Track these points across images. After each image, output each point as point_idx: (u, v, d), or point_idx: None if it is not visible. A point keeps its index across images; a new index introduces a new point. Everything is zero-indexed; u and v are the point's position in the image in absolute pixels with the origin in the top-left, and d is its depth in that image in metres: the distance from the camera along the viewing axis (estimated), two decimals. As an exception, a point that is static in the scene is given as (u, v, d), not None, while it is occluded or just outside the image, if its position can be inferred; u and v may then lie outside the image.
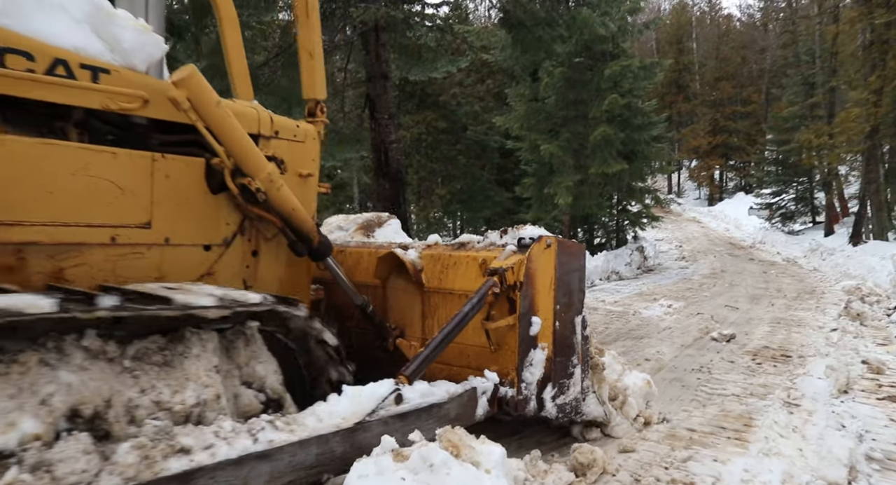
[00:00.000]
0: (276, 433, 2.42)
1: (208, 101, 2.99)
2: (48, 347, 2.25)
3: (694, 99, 44.71)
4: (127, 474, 2.04)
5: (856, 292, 10.84)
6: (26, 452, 1.99)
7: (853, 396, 5.28)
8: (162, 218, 3.03)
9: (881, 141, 18.73)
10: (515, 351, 3.50)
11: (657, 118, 17.61)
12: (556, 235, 3.77)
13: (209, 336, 2.70)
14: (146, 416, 2.38)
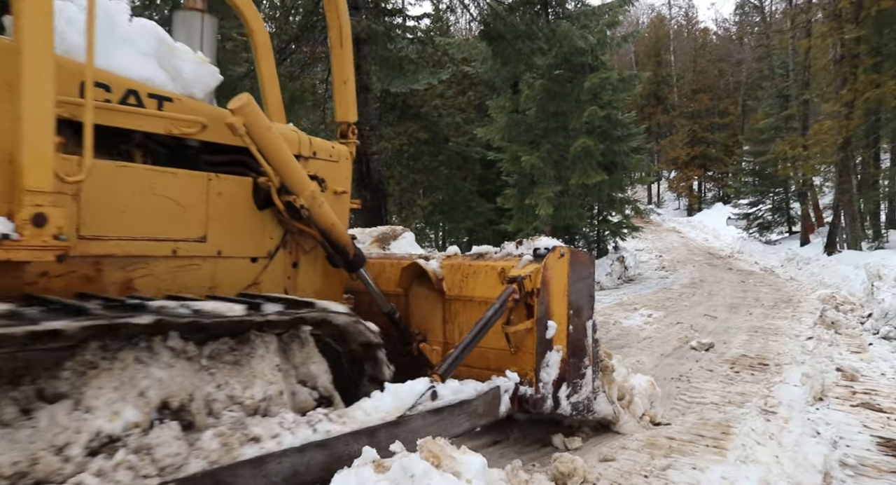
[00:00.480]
0: (332, 425, 2.71)
1: (261, 126, 3.31)
2: (141, 347, 2.53)
3: (672, 111, 45.37)
4: (210, 458, 2.34)
5: (830, 301, 11.05)
6: (129, 437, 2.30)
7: (828, 403, 5.37)
8: (215, 232, 3.33)
9: (853, 152, 19.16)
10: (533, 353, 3.81)
11: (636, 130, 17.87)
12: (569, 246, 4.13)
13: (270, 339, 2.99)
14: (222, 408, 2.68)
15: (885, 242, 19.05)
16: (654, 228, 31.65)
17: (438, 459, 2.31)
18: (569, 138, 15.29)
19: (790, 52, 26.04)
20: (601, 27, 15.74)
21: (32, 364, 2.36)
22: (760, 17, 38.25)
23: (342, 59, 4.22)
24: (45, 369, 2.36)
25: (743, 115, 41.51)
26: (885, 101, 16.78)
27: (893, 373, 6.49)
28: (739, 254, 23.29)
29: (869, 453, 4.20)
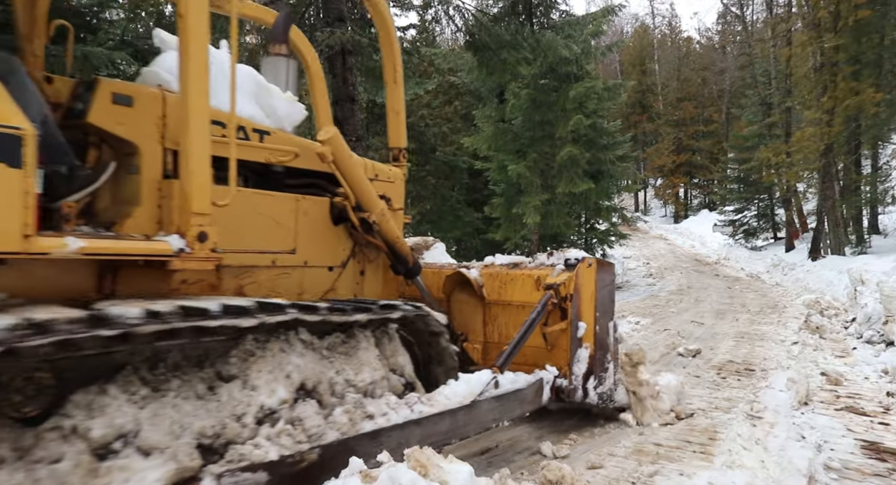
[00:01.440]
0: (423, 407, 3.31)
1: (344, 154, 3.98)
2: (282, 339, 3.06)
3: (658, 119, 45.85)
4: (342, 430, 2.95)
5: (815, 306, 11.18)
6: (282, 410, 2.85)
7: (813, 407, 5.44)
8: (302, 245, 3.87)
9: (835, 159, 19.46)
10: (567, 350, 4.50)
11: (622, 138, 18.04)
12: (596, 257, 4.79)
13: (369, 334, 3.57)
14: (342, 390, 3.26)
15: (868, 247, 19.31)
16: (641, 235, 31.86)
17: (426, 468, 2.33)
18: (555, 147, 15.41)
19: (772, 61, 26.45)
20: (585, 37, 15.93)
21: (209, 352, 2.86)
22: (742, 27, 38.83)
23: (396, 93, 4.85)
24: (219, 356, 2.88)
25: (727, 122, 42.04)
26: (864, 108, 17.09)
27: (876, 377, 6.58)
28: (726, 260, 23.50)
29: (853, 457, 4.25)
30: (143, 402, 2.48)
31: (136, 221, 3.02)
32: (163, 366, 2.67)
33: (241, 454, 2.57)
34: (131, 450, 2.35)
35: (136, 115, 3.09)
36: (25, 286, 2.53)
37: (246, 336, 2.91)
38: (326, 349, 3.31)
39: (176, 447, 2.45)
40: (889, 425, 4.99)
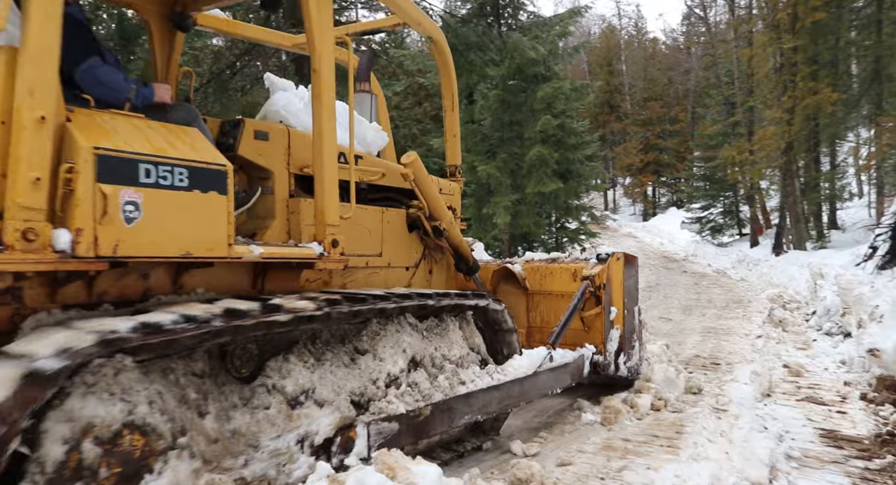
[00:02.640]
0: (499, 376, 4.17)
1: (422, 174, 4.79)
2: (394, 321, 3.82)
3: (625, 118, 46.44)
4: (444, 392, 3.77)
5: (778, 300, 11.47)
6: (402, 376, 3.63)
7: (775, 398, 5.59)
8: (386, 249, 4.63)
9: (795, 157, 19.96)
10: (602, 331, 5.35)
11: (590, 138, 18.21)
12: (623, 251, 5.63)
13: (453, 319, 4.33)
14: (440, 362, 4.02)
15: (828, 241, 19.85)
16: (610, 233, 32.20)
17: (393, 471, 2.33)
18: (524, 147, 15.50)
19: (734, 61, 27.03)
20: (552, 38, 16.06)
21: (348, 332, 3.64)
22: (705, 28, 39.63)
23: (453, 119, 5.63)
24: (354, 334, 3.64)
25: (692, 122, 42.79)
26: (821, 107, 17.55)
27: (835, 367, 6.78)
28: (693, 257, 23.91)
29: (812, 445, 4.38)
30: (313, 368, 3.26)
31: (273, 233, 3.77)
32: (319, 342, 3.44)
33: (380, 408, 3.39)
34: (311, 402, 3.15)
35: (270, 147, 3.91)
36: (214, 284, 3.32)
37: (371, 320, 3.68)
38: (426, 330, 4.07)
39: (338, 402, 3.25)
40: (846, 413, 5.15)
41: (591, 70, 47.95)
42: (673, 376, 5.68)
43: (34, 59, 2.51)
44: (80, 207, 2.51)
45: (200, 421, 2.69)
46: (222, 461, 2.65)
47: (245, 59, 12.24)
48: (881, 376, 5.56)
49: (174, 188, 2.81)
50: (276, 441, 2.87)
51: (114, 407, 2.35)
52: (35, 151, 2.47)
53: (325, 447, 3.04)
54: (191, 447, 2.54)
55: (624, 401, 5.15)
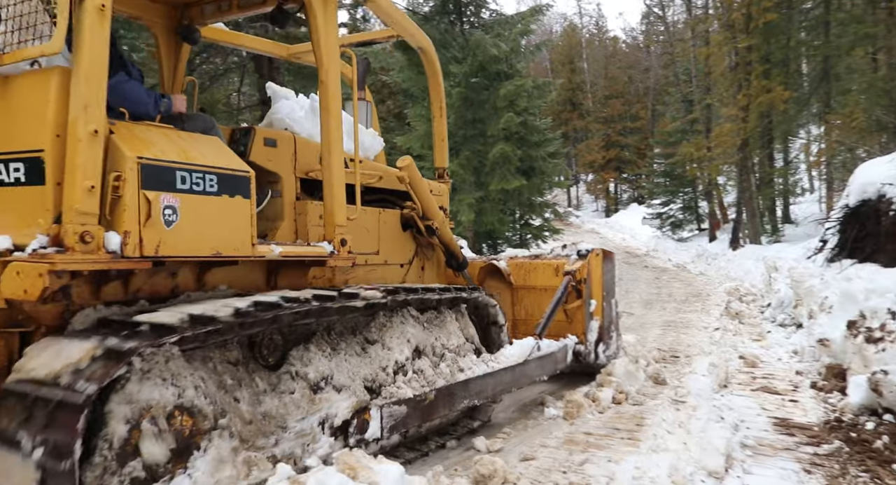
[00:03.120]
0: (493, 364, 4.54)
1: (416, 177, 5.12)
2: (398, 314, 4.12)
3: (587, 116, 47.02)
4: (447, 378, 4.11)
5: (735, 293, 11.79)
6: (407, 364, 3.96)
7: (731, 389, 5.75)
8: (383, 248, 4.94)
9: (751, 153, 20.51)
10: (583, 322, 5.72)
11: (552, 135, 18.41)
12: (601, 248, 6.06)
13: (450, 311, 4.64)
14: (440, 351, 4.33)
15: (782, 235, 20.46)
16: (574, 229, 32.59)
17: (355, 470, 2.33)
18: (487, 145, 15.57)
19: (692, 60, 27.60)
20: (514, 36, 16.16)
21: (359, 323, 3.91)
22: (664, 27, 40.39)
23: (441, 124, 5.94)
24: (364, 325, 3.93)
25: (652, 119, 43.59)
26: (774, 105, 18.08)
27: (788, 357, 7.01)
28: (654, 252, 24.38)
29: (766, 434, 4.52)
30: (330, 357, 3.55)
31: (281, 233, 4.02)
32: (333, 333, 3.71)
33: (390, 393, 3.72)
34: (330, 387, 3.44)
35: (278, 153, 4.20)
36: (234, 281, 3.60)
37: (378, 312, 3.98)
38: (426, 322, 4.36)
39: (354, 387, 3.55)
40: (798, 401, 5.34)
41: (553, 68, 48.40)
42: (633, 369, 5.79)
43: (87, 78, 2.76)
44: (127, 212, 2.81)
45: (236, 405, 3.00)
46: (256, 441, 2.96)
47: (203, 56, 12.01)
48: (830, 364, 5.77)
49: (205, 193, 3.14)
50: (301, 423, 3.16)
51: (166, 391, 2.64)
52: (89, 161, 2.74)
53: (344, 429, 3.29)
54: (230, 428, 2.83)
55: (586, 395, 5.23)
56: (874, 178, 7.21)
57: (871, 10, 15.47)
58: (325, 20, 3.92)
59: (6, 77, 2.99)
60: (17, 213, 2.86)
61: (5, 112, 2.97)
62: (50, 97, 2.80)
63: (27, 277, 2.59)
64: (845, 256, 7.55)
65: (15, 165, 2.89)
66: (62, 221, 2.70)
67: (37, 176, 2.81)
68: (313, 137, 4.43)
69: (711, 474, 3.69)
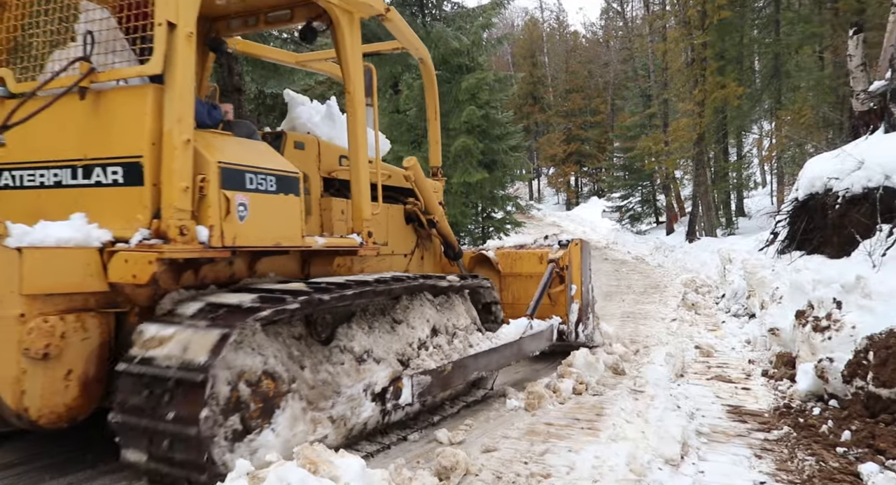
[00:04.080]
0: (495, 340, 5.14)
1: (420, 176, 5.78)
2: (417, 298, 4.65)
3: (548, 110, 47.45)
4: (461, 353, 4.63)
5: (691, 285, 12.10)
6: (428, 341, 4.51)
7: (688, 378, 5.90)
8: (391, 240, 5.47)
9: (706, 147, 21.04)
10: (565, 305, 6.36)
11: (514, 128, 18.53)
12: (580, 238, 6.75)
13: (458, 296, 5.22)
14: (453, 329, 4.91)
15: (736, 228, 21.07)
16: (535, 222, 32.88)
17: (315, 465, 2.32)
18: (449, 138, 15.58)
19: (650, 55, 28.12)
20: (476, 29, 16.18)
21: (387, 305, 4.38)
22: (623, 22, 40.95)
23: (435, 128, 6.52)
24: (391, 307, 4.41)
25: (612, 113, 44.26)
26: (728, 100, 18.57)
27: (741, 347, 7.23)
28: (614, 244, 24.84)
29: (720, 421, 4.67)
30: (368, 333, 4.04)
31: (309, 227, 4.33)
32: (368, 313, 4.19)
33: (417, 365, 4.26)
34: (371, 359, 3.93)
35: (306, 155, 4.74)
36: (278, 269, 4.14)
37: (402, 296, 4.48)
38: (438, 305, 4.91)
39: (389, 360, 4.05)
40: (750, 389, 5.52)
41: (514, 62, 48.62)
42: (593, 360, 5.89)
43: (181, 95, 3.28)
44: (211, 208, 3.35)
45: (302, 372, 3.51)
46: (319, 403, 3.50)
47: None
48: (780, 353, 5.97)
49: (267, 192, 3.70)
50: (350, 389, 3.68)
51: (254, 359, 3.13)
52: (183, 165, 3.25)
53: (382, 395, 3.83)
54: (299, 391, 3.34)
55: (547, 386, 5.30)
56: (821, 172, 7.47)
57: (818, 10, 16.00)
58: (350, 37, 4.45)
59: (98, 92, 3.43)
60: (115, 210, 3.33)
61: (98, 122, 3.41)
62: (146, 111, 3.27)
63: (136, 263, 3.11)
64: (795, 248, 7.81)
65: (112, 169, 3.36)
66: (162, 217, 3.21)
67: (135, 178, 3.29)
68: (332, 139, 5.11)
69: (668, 461, 3.79)
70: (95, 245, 3.21)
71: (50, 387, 3.02)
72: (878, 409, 4.10)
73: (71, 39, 3.64)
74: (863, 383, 4.24)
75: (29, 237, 3.03)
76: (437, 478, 3.28)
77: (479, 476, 3.49)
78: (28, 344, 2.91)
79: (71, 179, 3.47)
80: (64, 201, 3.44)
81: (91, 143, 3.43)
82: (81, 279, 3.16)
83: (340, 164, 5.06)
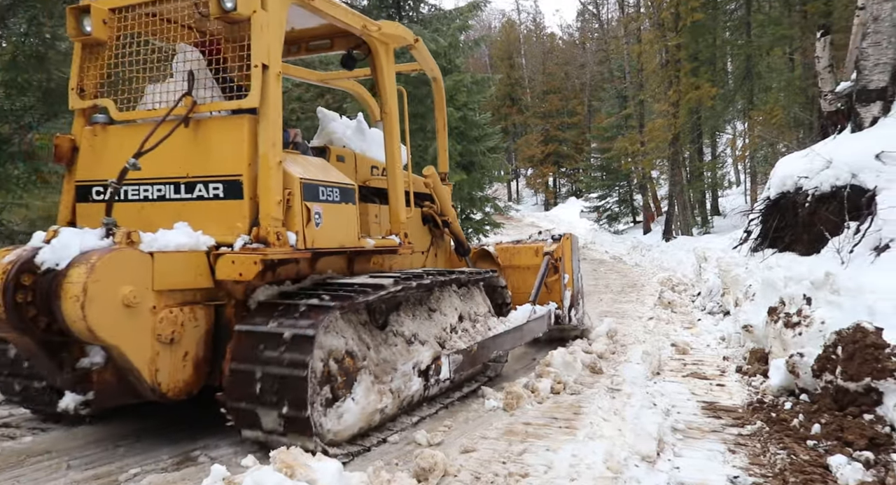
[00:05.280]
0: (508, 324, 5.89)
1: (438, 182, 6.55)
2: (447, 289, 5.31)
3: (526, 111, 47.74)
4: (482, 334, 5.37)
5: (667, 283, 12.24)
6: (458, 325, 5.20)
7: (664, 376, 5.96)
8: (412, 238, 5.71)
9: (681, 147, 21.33)
10: (559, 292, 7.04)
11: (492, 130, 18.58)
12: (570, 232, 7.61)
13: (476, 287, 5.89)
14: (474, 316, 5.59)
15: (712, 227, 21.36)
16: (514, 223, 33.04)
17: (292, 468, 2.31)
18: (427, 139, 15.59)
19: (625, 57, 28.41)
20: (453, 31, 16.22)
21: (423, 297, 5.02)
22: (598, 24, 41.31)
23: (443, 137, 7.27)
24: (427, 298, 5.06)
25: (589, 114, 44.65)
26: (703, 101, 18.85)
27: (716, 344, 7.33)
28: (592, 244, 25.04)
29: (695, 417, 4.73)
30: (412, 319, 4.72)
31: None
32: (410, 303, 4.82)
33: (451, 345, 4.96)
34: (417, 342, 4.63)
35: (346, 166, 5.38)
36: (333, 267, 4.81)
37: (434, 288, 5.08)
38: (461, 295, 5.57)
39: (431, 342, 4.75)
40: (724, 386, 5.60)
41: (492, 63, 48.79)
42: (571, 360, 5.93)
43: (274, 124, 3.97)
44: (296, 217, 4.06)
45: (369, 352, 4.14)
46: (382, 378, 4.17)
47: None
48: (754, 349, 6.07)
49: (334, 202, 4.43)
50: (404, 366, 4.38)
51: (339, 340, 3.85)
52: (278, 183, 3.95)
53: (426, 371, 4.60)
54: (368, 367, 4.03)
55: (525, 386, 5.32)
56: (792, 171, 7.60)
57: (788, 13, 16.32)
58: (387, 64, 5.16)
59: (198, 121, 4.11)
60: (215, 219, 3.99)
61: (198, 146, 4.09)
62: (244, 137, 3.97)
63: (243, 264, 3.74)
64: (767, 246, 7.95)
65: (214, 185, 4.02)
66: (261, 225, 3.88)
67: (235, 193, 3.97)
68: (364, 152, 5.74)
69: (644, 458, 3.83)
70: (203, 249, 3.87)
71: (174, 366, 3.72)
72: (846, 402, 4.19)
73: (170, 75, 4.32)
74: (832, 377, 4.33)
75: (157, 243, 3.67)
76: (416, 480, 3.28)
77: (458, 477, 3.50)
78: (160, 330, 3.59)
79: (174, 193, 4.14)
80: (166, 213, 4.11)
81: (193, 163, 4.10)
82: (194, 278, 3.82)
83: (372, 173, 5.77)
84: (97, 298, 3.24)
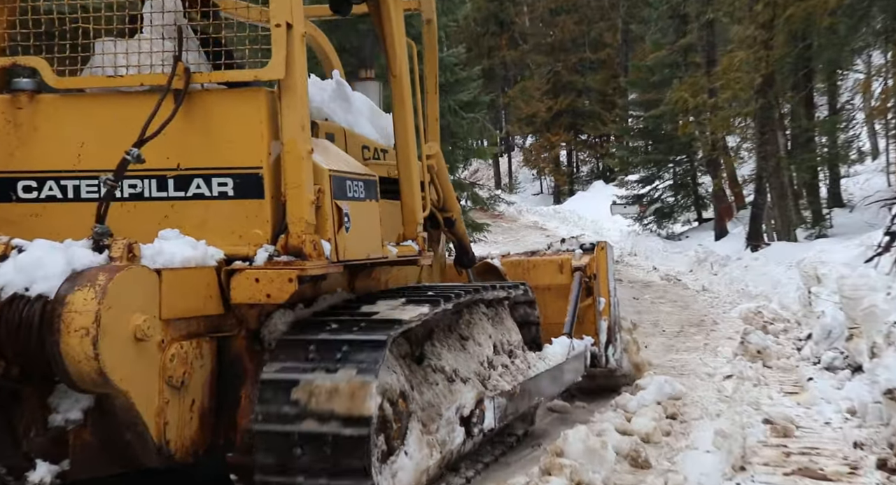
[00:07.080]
0: (546, 362, 6.80)
1: (442, 165, 7.35)
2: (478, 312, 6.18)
3: (523, 43, 47.95)
4: (523, 374, 6.35)
5: (755, 319, 12.19)
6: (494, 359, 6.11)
7: (752, 473, 5.82)
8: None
9: (777, 98, 21.28)
10: (594, 322, 7.82)
11: (468, 73, 18.46)
12: (604, 240, 8.51)
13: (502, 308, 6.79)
14: (506, 346, 6.43)
15: (829, 226, 21.33)
16: (506, 224, 33.03)
17: None
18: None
19: (684, -48, 28.56)
20: None
21: (452, 322, 5.71)
22: None
23: (434, 101, 7.61)
24: (455, 322, 5.76)
25: (625, 46, 45.02)
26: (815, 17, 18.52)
27: (840, 420, 7.22)
28: (631, 256, 25.08)
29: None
30: (449, 351, 5.36)
31: None
32: (440, 333, 5.41)
33: (493, 385, 5.66)
34: (459, 379, 5.23)
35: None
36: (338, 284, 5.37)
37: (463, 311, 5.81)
38: (491, 318, 6.36)
39: (473, 380, 5.40)
40: (857, 492, 5.47)
41: (467, -37, 48.93)
42: (597, 445, 5.76)
43: (302, 100, 4.49)
44: (328, 221, 4.56)
45: (412, 392, 4.69)
46: (429, 426, 4.72)
47: None
48: (905, 428, 5.97)
49: (359, 199, 5.04)
50: (448, 412, 4.90)
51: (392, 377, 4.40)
52: (310, 177, 4.45)
53: (469, 418, 5.10)
54: (416, 412, 4.62)
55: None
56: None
57: None
58: (396, 15, 5.74)
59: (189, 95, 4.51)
60: (221, 224, 4.47)
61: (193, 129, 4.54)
62: (262, 118, 4.48)
63: (272, 282, 4.18)
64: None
65: (220, 181, 4.49)
66: (291, 232, 4.33)
67: (252, 191, 4.46)
68: (352, 126, 6.19)
69: None
70: (212, 264, 4.28)
71: (182, 418, 4.11)
72: None
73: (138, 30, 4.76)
74: None
75: (161, 258, 4.04)
76: None
77: None
78: (171, 372, 3.96)
79: (158, 191, 4.56)
80: (144, 216, 4.52)
81: (186, 151, 4.53)
82: (203, 302, 4.24)
83: (363, 156, 6.21)
84: (110, 330, 3.56)
